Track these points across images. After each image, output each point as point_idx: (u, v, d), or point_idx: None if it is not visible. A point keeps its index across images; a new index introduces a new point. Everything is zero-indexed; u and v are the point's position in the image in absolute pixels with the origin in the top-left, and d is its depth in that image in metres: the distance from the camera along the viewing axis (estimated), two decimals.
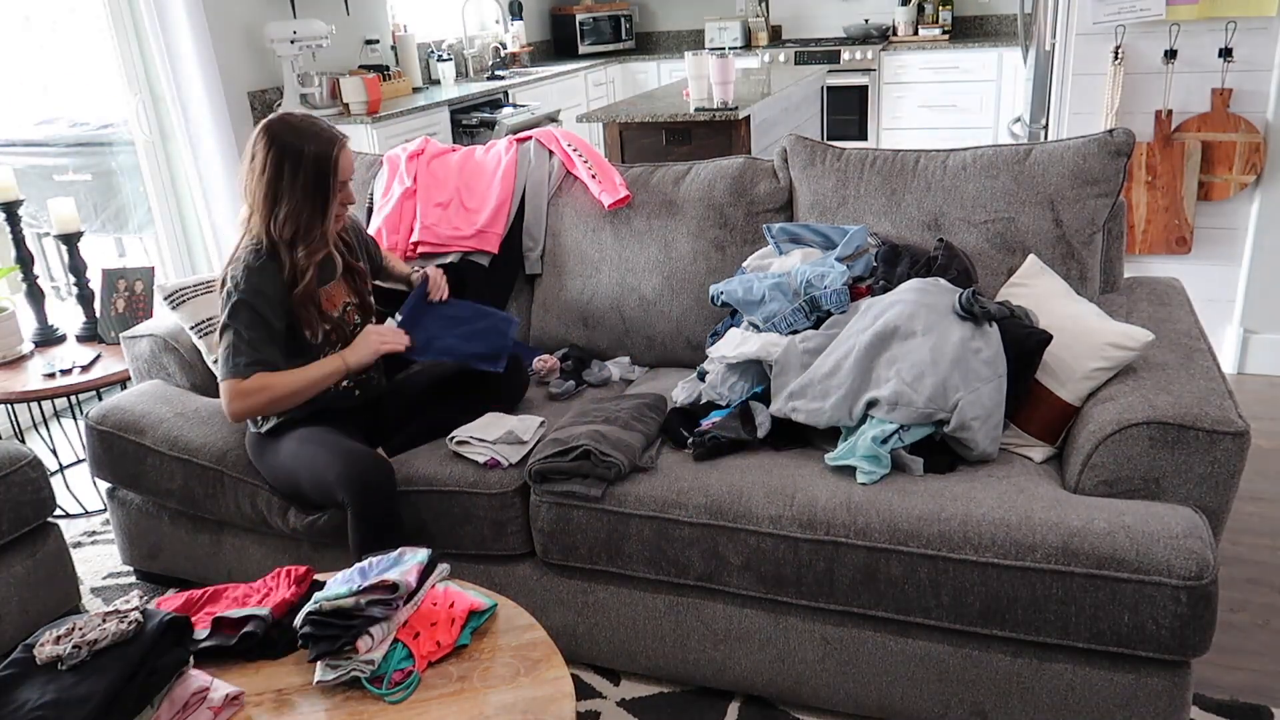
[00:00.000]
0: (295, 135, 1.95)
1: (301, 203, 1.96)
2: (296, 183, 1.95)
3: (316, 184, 1.96)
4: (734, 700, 2.04)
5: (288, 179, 1.94)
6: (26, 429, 3.61)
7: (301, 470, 2.04)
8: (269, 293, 1.99)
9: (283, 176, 1.94)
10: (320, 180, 1.96)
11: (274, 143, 1.94)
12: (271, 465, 2.13)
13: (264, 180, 1.95)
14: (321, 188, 1.97)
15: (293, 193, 1.95)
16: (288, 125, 1.97)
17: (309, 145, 1.95)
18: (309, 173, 1.95)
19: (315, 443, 2.05)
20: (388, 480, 1.97)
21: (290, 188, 1.95)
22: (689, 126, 3.88)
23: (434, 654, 1.52)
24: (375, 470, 1.95)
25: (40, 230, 3.79)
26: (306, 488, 2.05)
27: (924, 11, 6.33)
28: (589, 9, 6.91)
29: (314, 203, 1.97)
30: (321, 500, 2.05)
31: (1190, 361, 1.90)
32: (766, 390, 2.08)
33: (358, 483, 1.92)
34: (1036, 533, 1.67)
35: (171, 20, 3.80)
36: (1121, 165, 2.18)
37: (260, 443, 2.16)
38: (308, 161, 1.94)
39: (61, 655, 1.37)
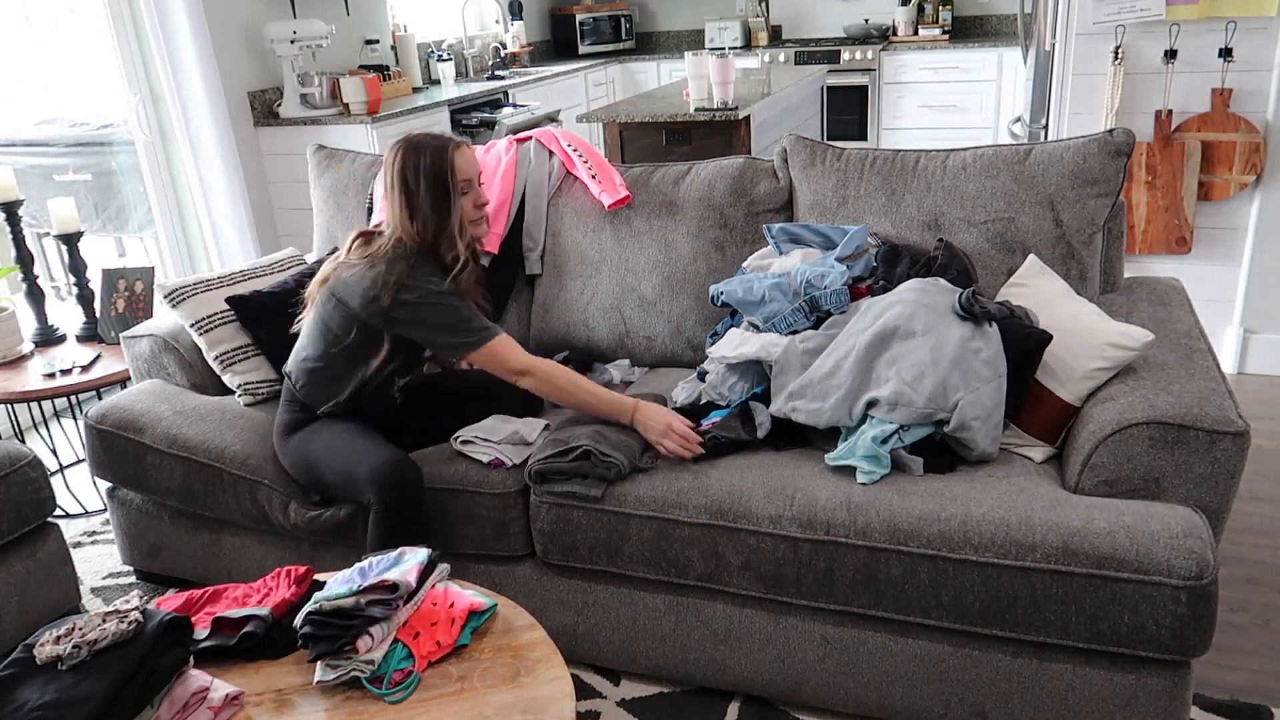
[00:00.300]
0: (414, 149, 2.08)
1: (429, 208, 2.06)
2: (421, 187, 2.06)
3: (437, 185, 2.06)
4: (734, 700, 2.04)
5: (413, 185, 2.06)
6: (26, 429, 3.61)
7: (331, 460, 2.05)
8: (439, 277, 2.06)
9: (408, 185, 2.06)
10: (439, 181, 2.06)
11: (397, 158, 2.07)
12: (298, 451, 2.12)
13: (396, 195, 2.07)
14: (443, 189, 2.07)
15: (419, 199, 2.06)
16: (409, 141, 2.10)
17: (425, 153, 2.07)
18: (429, 177, 2.06)
19: (349, 435, 2.07)
20: (417, 482, 1.99)
21: (416, 193, 2.06)
22: (689, 126, 3.87)
23: (434, 654, 1.52)
24: (406, 471, 1.97)
25: (40, 230, 3.80)
26: (331, 478, 2.06)
27: (924, 11, 6.33)
28: (589, 9, 6.91)
29: (438, 203, 2.07)
30: (343, 494, 2.06)
31: (1190, 361, 1.90)
32: (766, 390, 2.08)
33: (389, 482, 1.94)
34: (1036, 533, 1.67)
35: (171, 20, 3.80)
36: (1121, 165, 2.18)
37: (291, 427, 2.16)
38: (425, 166, 2.06)
39: (61, 655, 1.37)
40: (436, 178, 2.06)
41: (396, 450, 2.03)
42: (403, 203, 2.06)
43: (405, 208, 2.06)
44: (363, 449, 2.02)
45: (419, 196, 2.05)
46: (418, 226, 2.06)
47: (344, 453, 2.03)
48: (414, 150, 2.07)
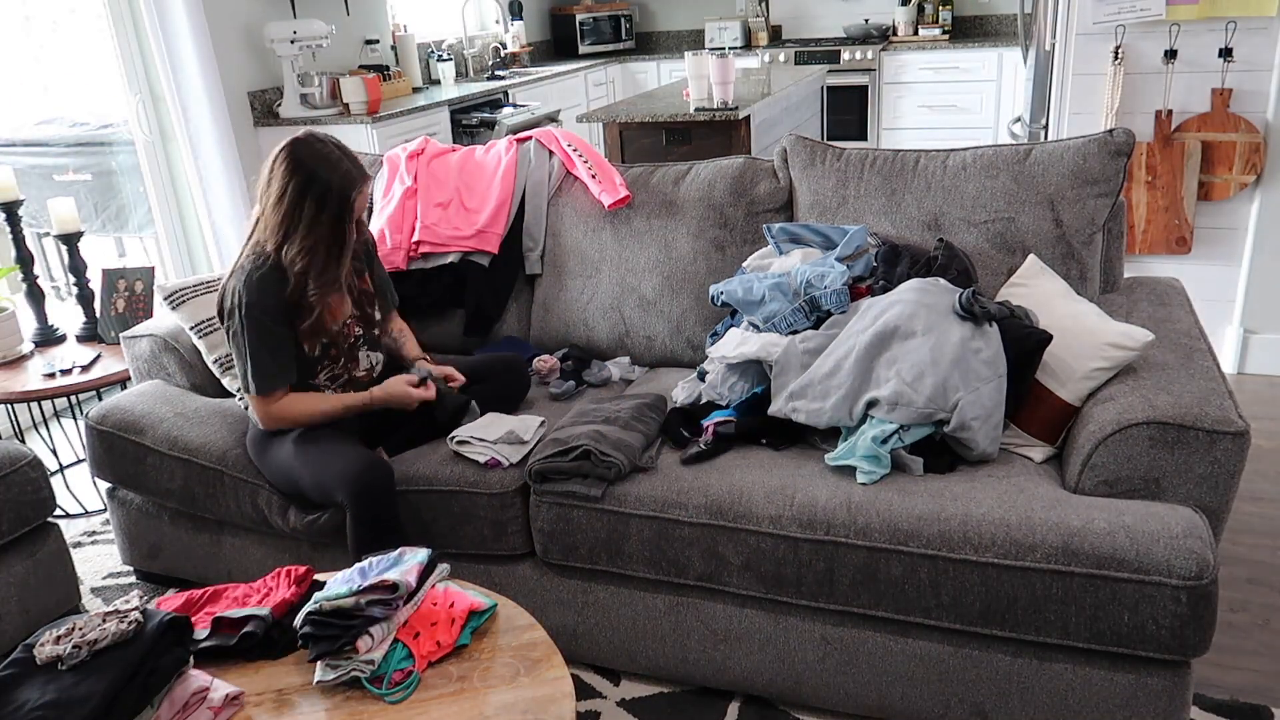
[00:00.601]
0: (324, 165, 1.89)
1: (319, 241, 1.92)
2: (319, 219, 1.90)
3: (336, 225, 1.92)
4: (734, 700, 2.04)
5: (308, 212, 1.89)
6: (26, 429, 3.61)
7: (302, 470, 2.05)
8: (271, 304, 1.98)
9: (303, 209, 1.89)
10: (339, 222, 1.92)
11: (299, 169, 1.88)
12: (273, 464, 2.13)
13: (281, 207, 1.90)
14: (340, 230, 1.93)
15: (313, 228, 1.91)
16: (315, 152, 1.90)
17: (335, 180, 1.89)
18: (331, 211, 1.90)
19: (315, 442, 2.05)
20: (387, 481, 1.97)
21: (311, 222, 1.90)
22: (689, 126, 3.88)
23: (434, 654, 1.52)
24: (374, 471, 1.96)
25: (40, 230, 3.80)
26: (306, 487, 2.06)
27: (924, 11, 6.33)
28: (589, 9, 6.91)
29: (331, 244, 1.93)
30: (321, 500, 2.06)
31: (1190, 361, 1.90)
32: (766, 390, 2.08)
33: (356, 484, 1.93)
34: (1036, 533, 1.67)
35: (171, 20, 3.80)
36: (1121, 165, 2.18)
37: (261, 441, 2.16)
38: (332, 200, 1.89)
39: (61, 655, 1.37)
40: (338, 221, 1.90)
41: (365, 452, 2.01)
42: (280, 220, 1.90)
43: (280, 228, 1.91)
44: (329, 456, 2.01)
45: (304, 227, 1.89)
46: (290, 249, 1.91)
47: (313, 460, 2.02)
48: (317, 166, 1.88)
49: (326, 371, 2.14)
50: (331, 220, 1.92)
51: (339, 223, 1.92)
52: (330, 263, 1.95)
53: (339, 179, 1.91)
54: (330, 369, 2.14)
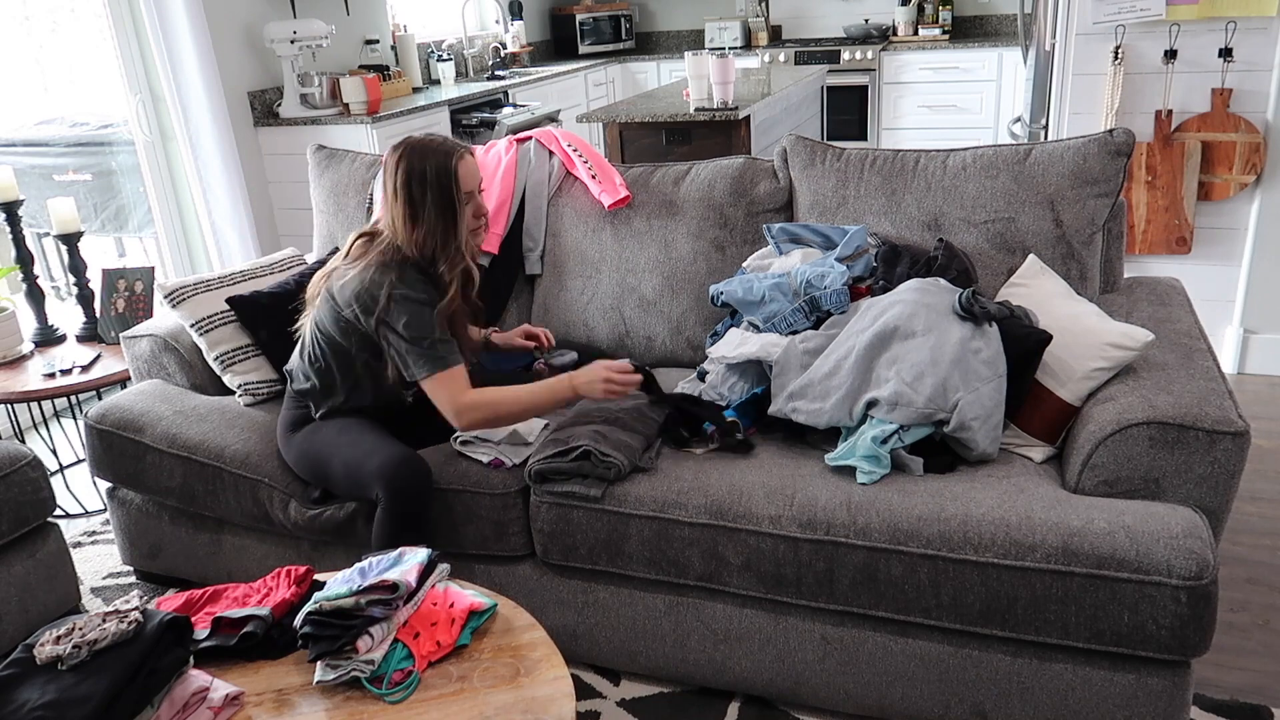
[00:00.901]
0: (419, 153, 2.01)
1: (435, 219, 2.01)
2: (426, 199, 2.00)
3: (442, 197, 2.01)
4: (734, 700, 2.04)
5: (418, 197, 2.00)
6: (26, 429, 3.61)
7: (338, 456, 2.04)
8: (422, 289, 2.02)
9: (413, 195, 2.00)
10: (444, 193, 2.01)
11: (401, 162, 2.01)
12: (304, 446, 2.12)
13: (399, 204, 2.01)
14: (449, 200, 2.01)
15: (425, 210, 2.00)
16: (412, 145, 2.03)
17: (431, 161, 2.00)
18: (435, 188, 2.00)
19: (357, 432, 2.06)
20: (425, 479, 1.98)
21: (422, 205, 2.00)
22: (689, 126, 3.87)
23: (434, 654, 1.52)
24: (414, 468, 1.97)
25: (40, 230, 3.80)
26: (337, 475, 2.05)
27: (924, 11, 6.33)
28: (589, 9, 6.91)
29: (444, 216, 2.02)
30: (349, 490, 2.06)
31: (1190, 361, 1.90)
32: (766, 390, 2.08)
33: (396, 479, 1.94)
34: (1036, 533, 1.67)
35: (171, 20, 3.80)
36: (1121, 165, 2.18)
37: (297, 423, 2.16)
38: (431, 177, 2.00)
39: (61, 655, 1.37)
40: (442, 188, 2.00)
41: (405, 447, 2.02)
42: (405, 212, 2.01)
43: (408, 217, 2.01)
44: (371, 445, 2.02)
45: (423, 206, 2.00)
46: (418, 237, 2.02)
47: (352, 448, 2.03)
48: (419, 156, 2.01)
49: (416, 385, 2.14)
50: (438, 193, 2.01)
51: (446, 193, 2.01)
52: (449, 233, 2.03)
53: (435, 155, 2.02)
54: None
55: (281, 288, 2.54)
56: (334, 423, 2.12)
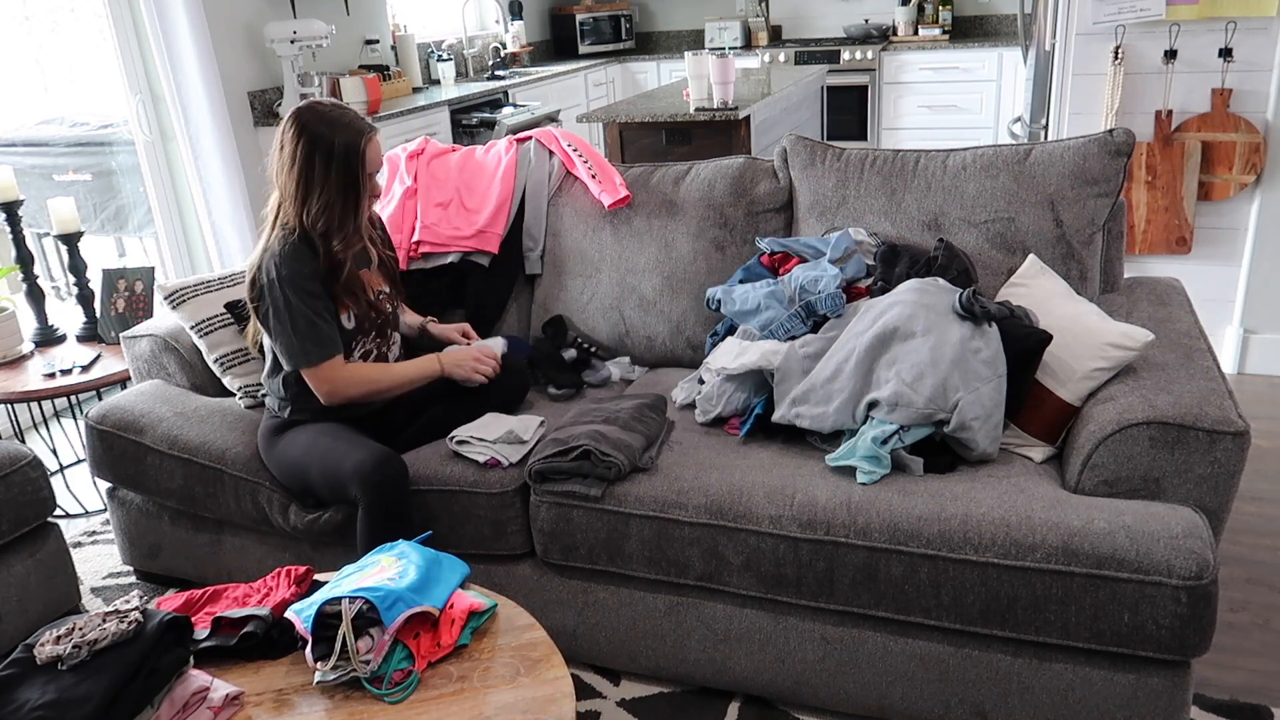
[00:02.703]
0: (326, 125, 1.94)
1: (334, 195, 1.96)
2: (329, 175, 1.94)
3: (347, 176, 1.96)
4: (734, 700, 2.04)
5: (319, 171, 1.94)
6: (26, 429, 3.61)
7: (314, 462, 2.05)
8: (307, 272, 2.00)
9: (314, 168, 1.94)
10: (350, 173, 1.96)
11: (304, 132, 1.93)
12: (282, 456, 2.13)
13: (294, 172, 1.94)
14: (353, 180, 1.97)
15: (325, 185, 1.95)
16: (317, 114, 1.95)
17: (339, 136, 1.94)
18: (339, 165, 1.94)
19: (331, 436, 2.06)
20: (400, 476, 1.98)
21: (323, 180, 1.94)
22: (689, 126, 3.88)
23: (434, 654, 1.52)
24: (388, 465, 1.96)
25: (40, 230, 3.80)
26: (317, 480, 2.06)
27: (924, 11, 6.33)
28: (589, 9, 6.91)
29: (346, 196, 1.97)
30: (330, 494, 2.06)
31: (1190, 361, 1.90)
32: (765, 401, 2.07)
33: (373, 478, 1.93)
34: (1036, 533, 1.67)
35: (171, 20, 3.80)
36: (1121, 165, 2.18)
37: (274, 432, 2.16)
38: (338, 153, 1.94)
39: (61, 655, 1.37)
40: (348, 166, 1.94)
41: (379, 446, 2.02)
42: (301, 181, 1.93)
43: (302, 186, 1.94)
44: (345, 447, 2.02)
45: (324, 181, 1.93)
46: (312, 209, 1.95)
47: (327, 452, 2.03)
48: (326, 127, 1.93)
49: (360, 347, 2.14)
50: (343, 172, 1.96)
51: (351, 173, 1.96)
52: (349, 213, 1.99)
53: (345, 131, 1.95)
54: (363, 344, 2.15)
55: None
56: (308, 429, 2.11)
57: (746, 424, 2.07)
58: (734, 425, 2.12)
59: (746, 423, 2.07)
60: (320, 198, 1.95)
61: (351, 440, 2.04)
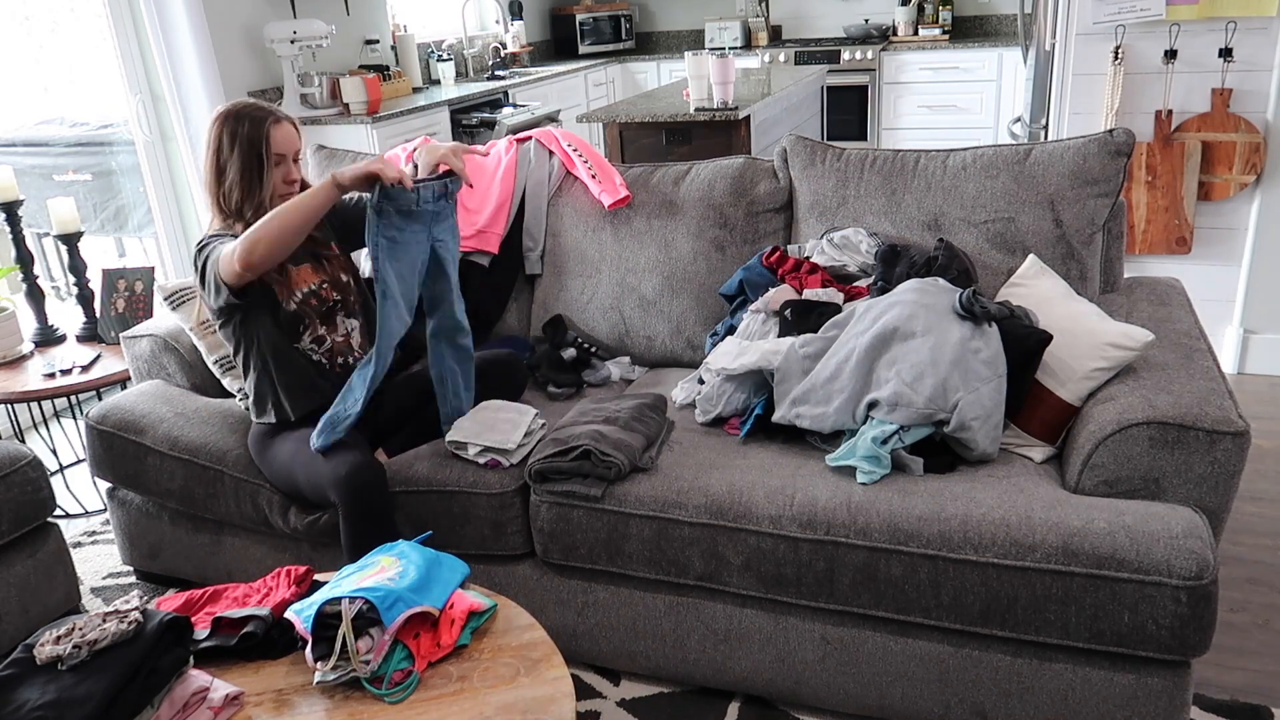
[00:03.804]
0: (235, 116, 2.12)
1: (240, 172, 2.11)
2: (234, 154, 2.10)
3: (250, 154, 2.11)
4: (734, 700, 2.04)
5: (226, 152, 2.11)
6: (26, 429, 3.61)
7: (298, 469, 2.06)
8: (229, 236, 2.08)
9: (222, 150, 2.11)
10: (253, 150, 2.10)
11: (216, 123, 2.12)
12: (272, 464, 2.14)
13: (209, 157, 2.12)
14: (255, 157, 2.11)
15: (232, 163, 2.10)
16: (231, 109, 2.14)
17: (245, 122, 2.11)
18: (243, 144, 2.10)
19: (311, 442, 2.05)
20: (378, 480, 1.97)
21: (230, 160, 2.10)
22: (689, 126, 3.88)
23: (434, 654, 1.52)
24: (365, 471, 1.96)
25: (40, 230, 3.80)
26: (303, 486, 2.06)
27: (924, 11, 6.33)
28: (589, 9, 6.91)
29: (251, 172, 2.11)
30: (317, 500, 2.06)
31: (1190, 361, 1.90)
32: (765, 401, 2.07)
33: (348, 483, 1.93)
34: (1036, 533, 1.67)
35: (171, 20, 3.80)
36: (1121, 165, 2.18)
37: (262, 440, 2.17)
38: (242, 135, 2.10)
39: (61, 655, 1.37)
40: (251, 146, 2.10)
41: (356, 452, 2.01)
42: (212, 166, 2.12)
43: (214, 172, 2.12)
44: (325, 452, 2.02)
45: (230, 163, 2.10)
46: (225, 189, 2.11)
47: (309, 458, 2.04)
48: (234, 118, 2.11)
49: (309, 333, 2.16)
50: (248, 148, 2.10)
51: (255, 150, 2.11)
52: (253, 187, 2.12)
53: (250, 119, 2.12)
54: (312, 331, 2.16)
55: None
56: (291, 435, 2.12)
57: (746, 424, 2.07)
58: (734, 425, 2.12)
59: (746, 423, 2.07)
60: (230, 176, 2.11)
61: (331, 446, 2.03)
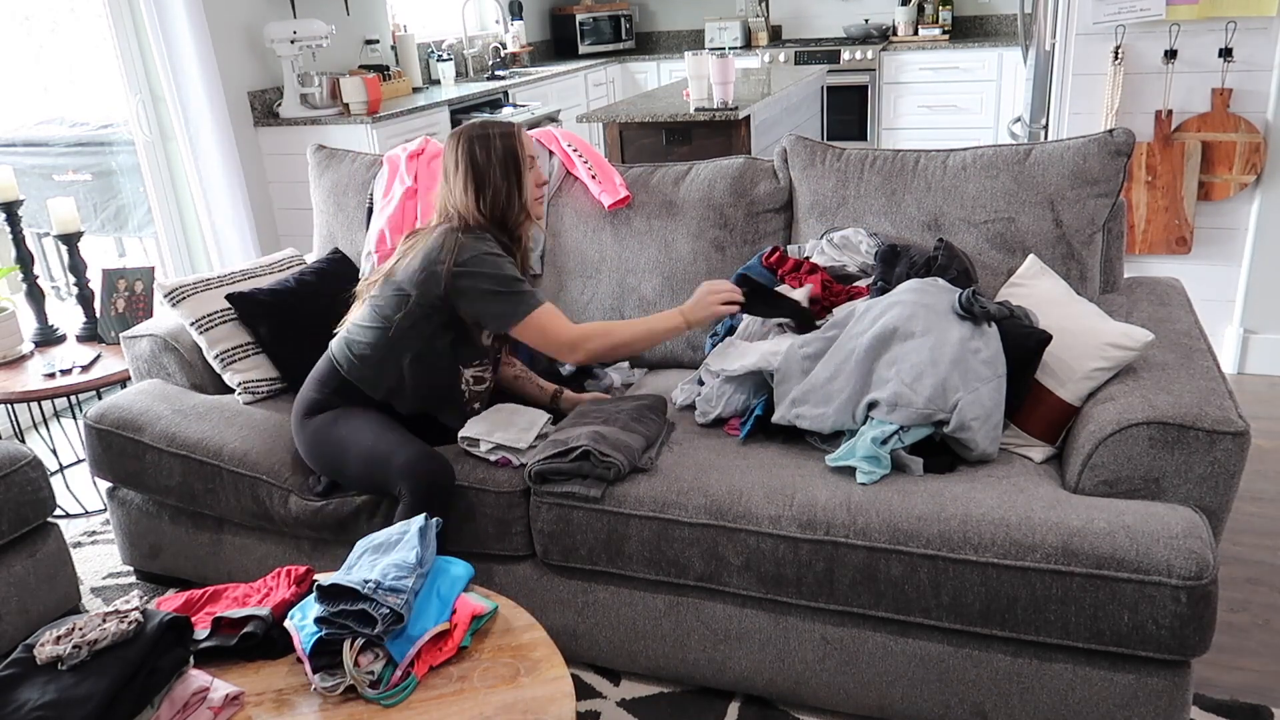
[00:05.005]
0: (482, 134, 2.12)
1: (500, 181, 2.10)
2: (491, 164, 2.10)
3: (508, 161, 2.11)
4: (734, 700, 2.04)
5: (483, 163, 2.10)
6: (26, 429, 3.61)
7: (357, 448, 2.03)
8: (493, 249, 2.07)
9: (477, 164, 2.10)
10: (511, 156, 2.11)
11: (462, 140, 2.12)
12: (321, 432, 2.10)
13: (461, 173, 2.10)
14: (514, 163, 2.12)
15: (490, 174, 2.10)
16: (472, 126, 2.15)
17: (495, 136, 2.12)
18: (502, 155, 2.11)
19: (381, 427, 2.05)
20: (449, 479, 1.98)
21: (490, 171, 2.10)
22: (689, 126, 3.88)
23: (436, 659, 1.52)
24: (440, 467, 1.97)
25: (40, 230, 3.80)
26: (354, 465, 2.04)
27: (924, 11, 6.33)
28: (589, 9, 6.91)
29: (510, 179, 2.11)
30: (364, 483, 2.05)
31: (1190, 361, 1.90)
32: (765, 402, 2.07)
33: (423, 477, 1.94)
34: (1036, 533, 1.67)
35: (171, 20, 3.80)
36: (1121, 165, 2.18)
37: (317, 407, 2.14)
38: (496, 144, 2.11)
39: (61, 655, 1.37)
40: (508, 154, 2.11)
41: (428, 447, 2.02)
42: (468, 182, 2.09)
43: (471, 183, 2.09)
44: (395, 440, 2.01)
45: (490, 174, 2.09)
46: (486, 199, 2.10)
47: (375, 441, 2.02)
48: (480, 131, 2.13)
49: (477, 367, 2.18)
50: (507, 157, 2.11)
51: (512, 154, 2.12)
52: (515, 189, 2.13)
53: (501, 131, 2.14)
54: (480, 366, 2.18)
55: (281, 286, 2.54)
56: (355, 414, 2.10)
57: (746, 425, 2.07)
58: (734, 426, 2.12)
59: (746, 423, 2.07)
60: (489, 186, 2.10)
61: (402, 435, 2.03)
